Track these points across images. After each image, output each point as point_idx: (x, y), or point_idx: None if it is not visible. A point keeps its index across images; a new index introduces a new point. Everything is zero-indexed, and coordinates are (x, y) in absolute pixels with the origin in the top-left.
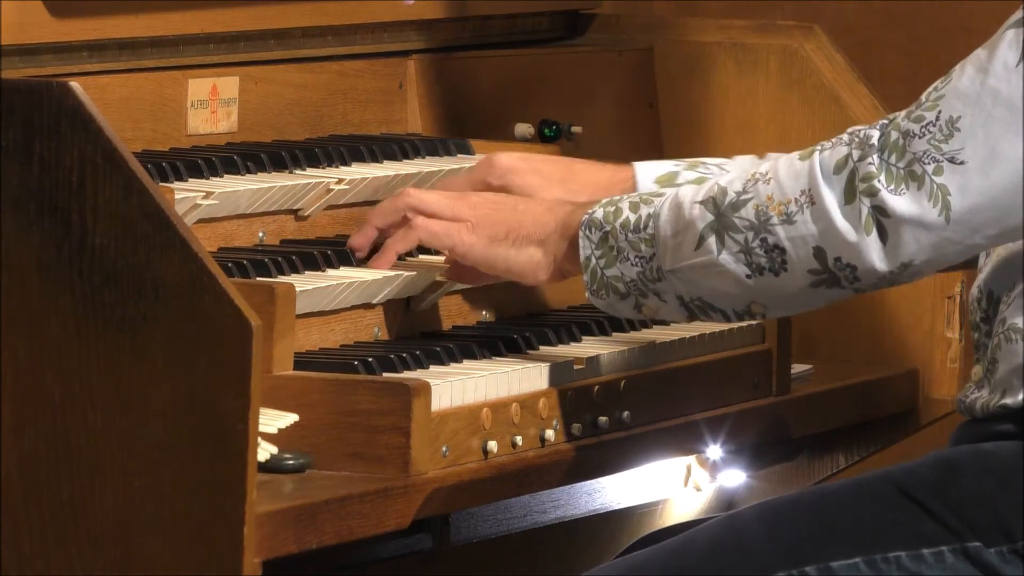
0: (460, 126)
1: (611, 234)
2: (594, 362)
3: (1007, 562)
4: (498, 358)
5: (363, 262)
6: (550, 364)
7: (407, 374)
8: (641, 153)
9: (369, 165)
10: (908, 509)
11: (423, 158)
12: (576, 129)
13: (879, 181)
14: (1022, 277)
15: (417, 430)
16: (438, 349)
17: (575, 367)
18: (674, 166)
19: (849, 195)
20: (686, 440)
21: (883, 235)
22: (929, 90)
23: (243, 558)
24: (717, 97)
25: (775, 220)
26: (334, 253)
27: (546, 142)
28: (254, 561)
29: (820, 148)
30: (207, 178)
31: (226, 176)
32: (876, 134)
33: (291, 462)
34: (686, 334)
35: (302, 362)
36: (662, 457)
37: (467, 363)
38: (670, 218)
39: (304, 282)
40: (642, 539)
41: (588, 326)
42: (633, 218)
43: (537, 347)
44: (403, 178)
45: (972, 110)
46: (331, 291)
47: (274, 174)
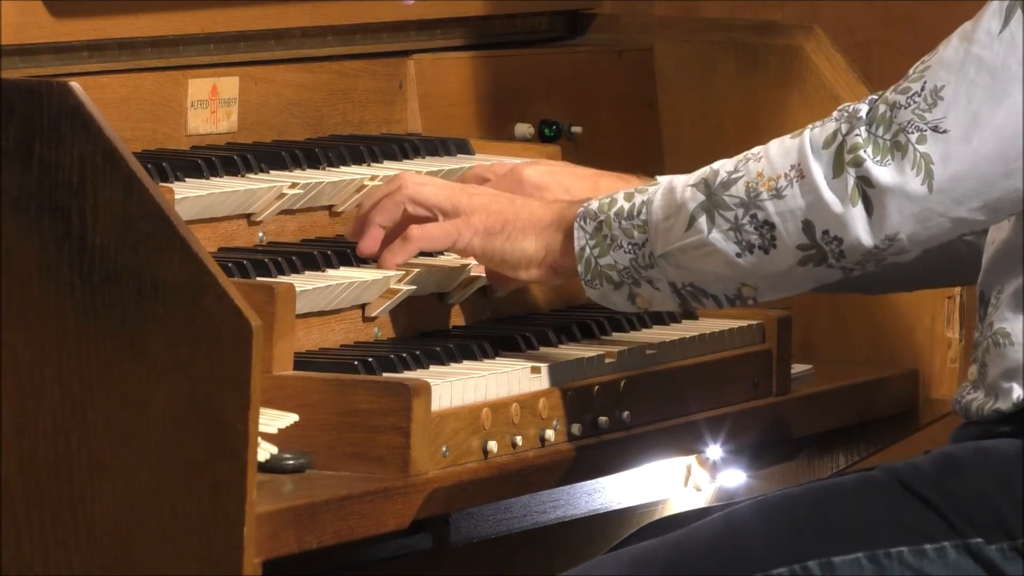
0: (460, 126)
1: (605, 223)
2: (594, 362)
3: (1008, 559)
4: (498, 358)
5: (364, 262)
6: (550, 364)
7: (407, 374)
8: (641, 153)
9: (369, 165)
10: (910, 504)
11: (423, 158)
12: (576, 129)
13: (865, 152)
14: (1007, 279)
15: (417, 430)
16: (438, 349)
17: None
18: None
19: (837, 168)
20: (686, 440)
21: (868, 206)
22: (916, 64)
23: (243, 558)
24: (717, 97)
25: (765, 196)
26: (334, 253)
27: (546, 142)
28: (254, 561)
29: (812, 126)
30: (207, 178)
31: (226, 176)
32: (865, 108)
33: (291, 462)
34: (686, 334)
35: (302, 362)
36: (662, 457)
37: (467, 363)
38: (662, 203)
39: (304, 282)
40: (640, 530)
41: (588, 326)
42: (627, 206)
43: (537, 347)
44: None
45: (955, 78)
46: (331, 291)
47: (274, 174)
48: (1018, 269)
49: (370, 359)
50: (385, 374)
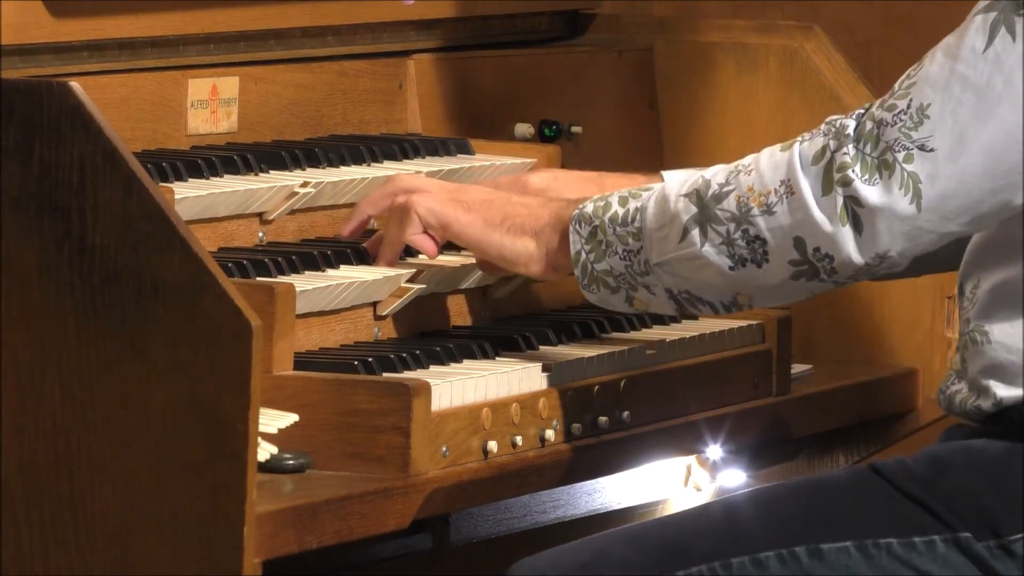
0: (460, 126)
1: (600, 228)
2: (594, 362)
3: (995, 557)
4: (498, 358)
5: (366, 260)
6: (550, 364)
7: (407, 374)
8: (641, 153)
9: (369, 165)
10: (900, 500)
11: (423, 158)
12: (576, 129)
13: (853, 171)
14: (983, 274)
15: (417, 430)
16: (438, 349)
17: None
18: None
19: (826, 186)
20: (686, 440)
21: (858, 225)
22: (902, 78)
23: (243, 558)
24: (717, 97)
25: (756, 211)
26: (334, 253)
27: (546, 142)
28: (254, 561)
29: (801, 139)
30: (207, 178)
31: (226, 176)
32: (852, 124)
33: (291, 462)
34: (686, 334)
35: (302, 362)
36: (662, 457)
37: (467, 363)
38: (656, 211)
39: (304, 282)
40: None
41: (588, 326)
42: (621, 212)
43: (537, 347)
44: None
45: (941, 96)
46: (331, 291)
47: (274, 174)
48: (996, 264)
49: (370, 359)
50: (385, 374)
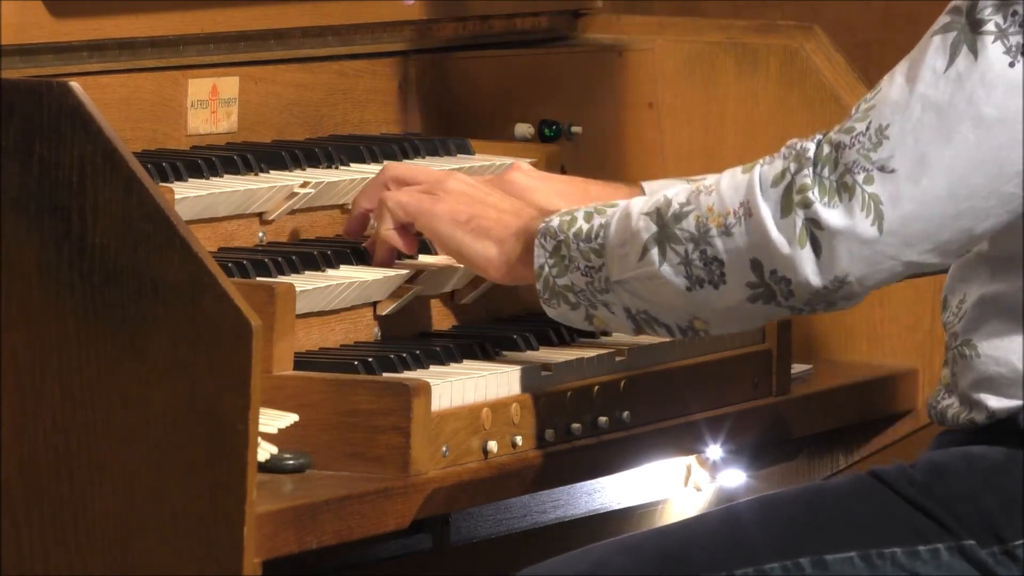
0: (460, 126)
1: (564, 243)
2: (594, 362)
3: (999, 563)
4: (498, 358)
5: (366, 260)
6: (550, 364)
7: (407, 374)
8: (641, 153)
9: (369, 165)
10: (902, 507)
11: (423, 158)
12: (576, 129)
13: (813, 194)
14: (969, 288)
15: (417, 430)
16: (438, 349)
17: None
18: (684, 184)
19: (785, 208)
20: (686, 440)
21: (817, 248)
22: (859, 102)
23: (243, 558)
24: (717, 97)
25: (714, 232)
26: (334, 253)
27: (546, 142)
28: (254, 561)
29: (762, 162)
30: (207, 178)
31: (226, 176)
32: (812, 147)
33: (291, 462)
34: None
35: (302, 362)
36: (662, 457)
37: (467, 363)
38: (618, 229)
39: (304, 282)
40: None
41: None
42: (586, 228)
43: (537, 347)
44: None
45: (901, 117)
46: (331, 291)
47: (274, 174)
48: (982, 278)
49: (370, 359)
50: (385, 374)
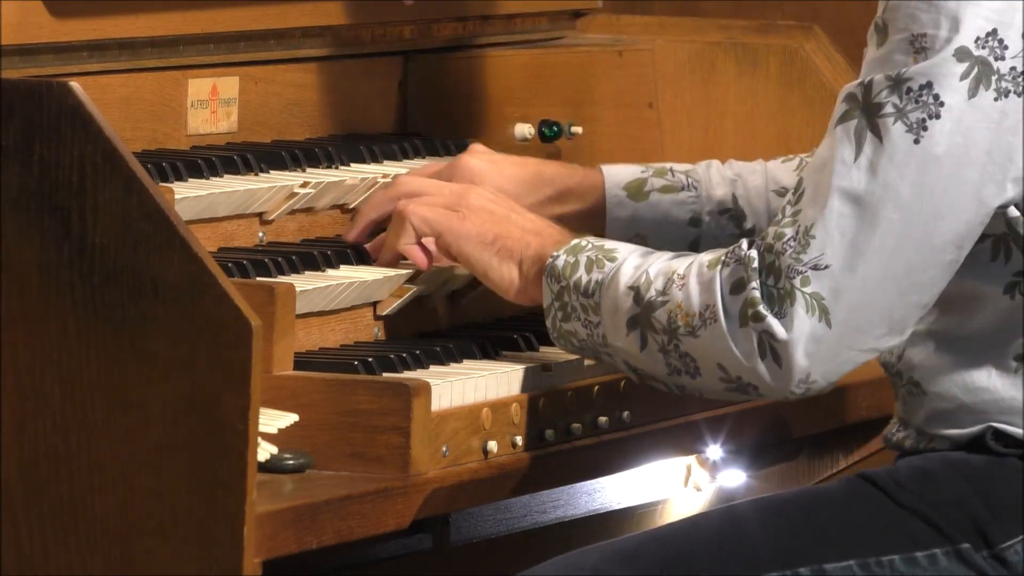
0: (460, 126)
1: (566, 290)
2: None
3: (991, 567)
4: (498, 358)
5: (366, 260)
6: (550, 364)
7: (407, 374)
8: (641, 153)
9: (369, 165)
10: (895, 510)
11: (423, 158)
12: (576, 129)
13: (763, 308)
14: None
15: (417, 430)
16: (438, 349)
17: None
18: (641, 172)
19: (742, 319)
20: (686, 440)
21: (776, 358)
22: (785, 203)
23: (243, 558)
24: (717, 97)
25: (683, 330)
26: (334, 253)
27: (546, 142)
28: (254, 561)
29: (724, 261)
30: (207, 178)
31: (226, 176)
32: (755, 256)
33: (291, 462)
34: None
35: (302, 362)
36: (662, 457)
37: (467, 363)
38: (610, 294)
39: (304, 282)
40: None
41: None
42: (584, 280)
43: (537, 347)
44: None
45: (822, 214)
46: (331, 291)
47: (274, 174)
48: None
49: (370, 359)
50: (385, 374)
